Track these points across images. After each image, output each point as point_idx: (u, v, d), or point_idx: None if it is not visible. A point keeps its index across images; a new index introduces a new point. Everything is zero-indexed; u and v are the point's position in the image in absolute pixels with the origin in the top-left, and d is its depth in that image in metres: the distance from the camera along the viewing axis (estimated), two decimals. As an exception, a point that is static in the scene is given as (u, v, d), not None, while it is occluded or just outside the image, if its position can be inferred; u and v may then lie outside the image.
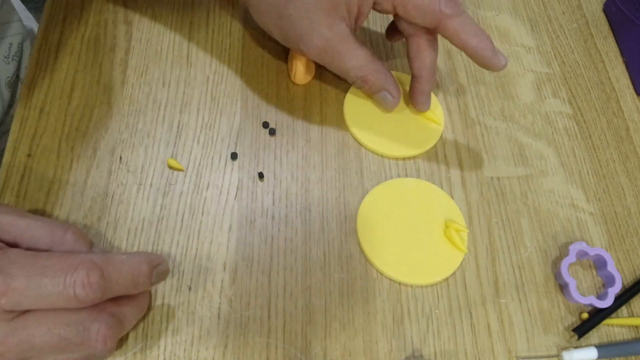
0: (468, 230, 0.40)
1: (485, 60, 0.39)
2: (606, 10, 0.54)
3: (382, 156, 0.43)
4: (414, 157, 0.43)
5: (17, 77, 0.53)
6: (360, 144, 0.43)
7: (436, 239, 0.39)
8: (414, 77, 0.44)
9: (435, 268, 0.38)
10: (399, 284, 0.38)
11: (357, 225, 0.40)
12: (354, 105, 0.45)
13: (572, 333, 0.37)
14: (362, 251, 0.39)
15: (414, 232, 0.40)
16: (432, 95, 0.46)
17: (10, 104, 0.52)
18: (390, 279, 0.38)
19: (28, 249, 0.30)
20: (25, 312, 0.28)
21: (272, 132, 0.43)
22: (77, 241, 0.31)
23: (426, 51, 0.42)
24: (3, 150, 0.42)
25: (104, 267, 0.29)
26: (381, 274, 0.38)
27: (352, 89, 0.46)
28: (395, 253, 0.39)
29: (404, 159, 0.43)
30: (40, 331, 0.28)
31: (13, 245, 0.30)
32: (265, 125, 0.43)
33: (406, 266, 0.38)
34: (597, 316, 0.38)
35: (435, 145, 0.44)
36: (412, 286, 0.38)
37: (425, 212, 0.41)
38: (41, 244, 0.31)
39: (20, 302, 0.27)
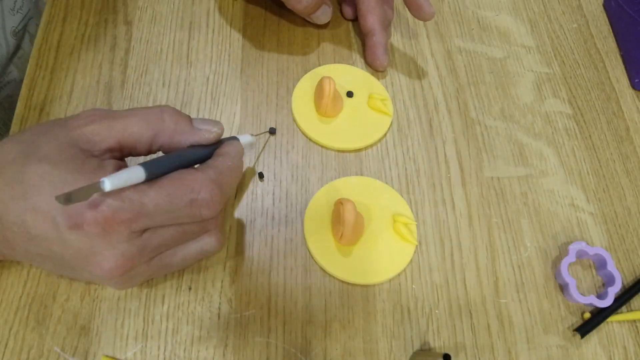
0: (416, 222, 0.40)
1: (419, 5, 0.44)
2: (606, 5, 0.55)
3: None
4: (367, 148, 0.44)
5: (24, 28, 0.53)
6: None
7: (386, 235, 0.39)
8: (368, 33, 0.46)
9: (388, 265, 0.38)
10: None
11: (305, 232, 0.39)
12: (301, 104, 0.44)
13: (573, 333, 0.37)
14: (312, 257, 0.38)
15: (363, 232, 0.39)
16: (382, 87, 0.46)
17: (15, 52, 0.52)
18: (343, 282, 0.37)
19: (133, 147, 0.32)
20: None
21: (272, 132, 0.43)
22: (178, 122, 0.32)
23: (377, 6, 0.46)
24: (6, 97, 0.39)
25: (220, 182, 0.31)
26: (334, 277, 0.37)
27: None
28: (345, 254, 0.38)
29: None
30: (167, 232, 0.31)
31: (118, 149, 0.31)
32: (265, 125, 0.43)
33: (357, 267, 0.37)
34: (600, 315, 0.38)
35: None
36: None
37: (372, 209, 0.40)
38: (145, 138, 0.31)
39: (147, 225, 0.29)
